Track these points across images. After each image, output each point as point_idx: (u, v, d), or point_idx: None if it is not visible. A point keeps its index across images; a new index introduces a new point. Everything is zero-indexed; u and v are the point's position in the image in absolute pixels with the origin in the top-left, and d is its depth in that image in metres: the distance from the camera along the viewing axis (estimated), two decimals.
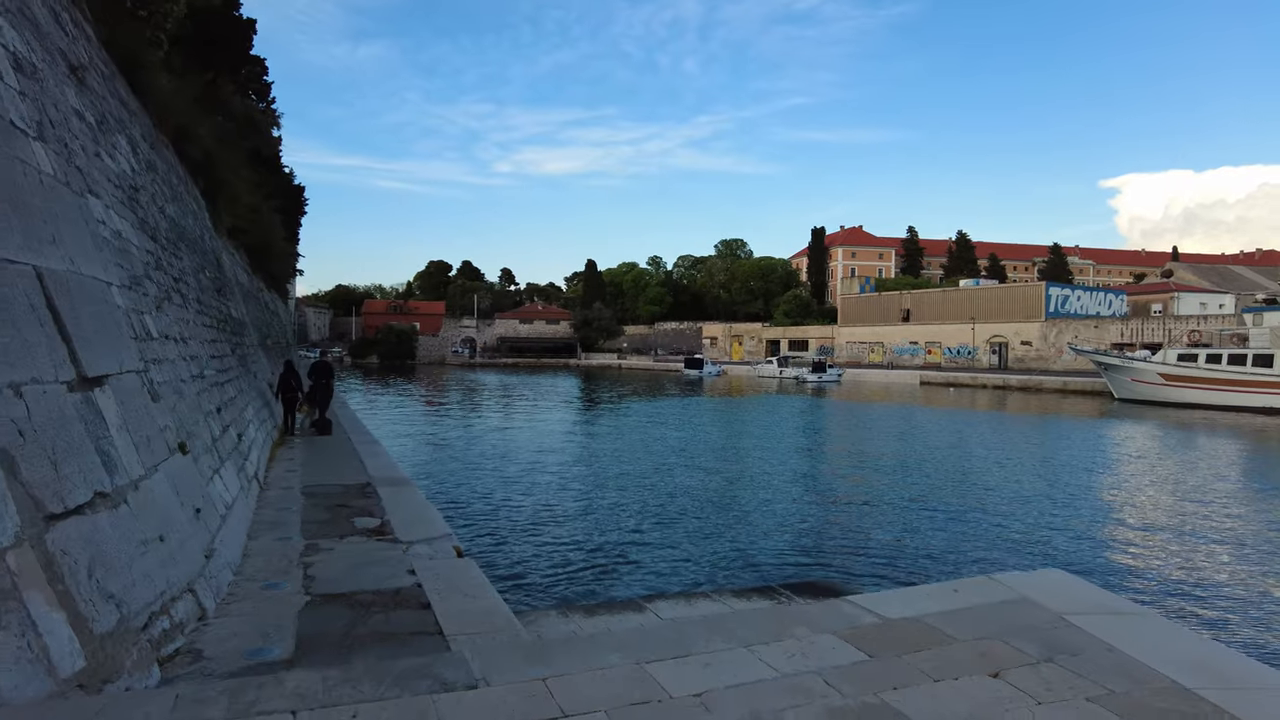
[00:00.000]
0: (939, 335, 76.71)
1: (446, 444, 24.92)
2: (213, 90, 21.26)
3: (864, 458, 21.75)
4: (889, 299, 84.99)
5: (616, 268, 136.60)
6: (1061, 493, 17.16)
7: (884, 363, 79.95)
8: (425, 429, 30.11)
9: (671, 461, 20.67)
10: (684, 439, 25.05)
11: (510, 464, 20.69)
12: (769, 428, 30.84)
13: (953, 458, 22.46)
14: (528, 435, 27.32)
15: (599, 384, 66.81)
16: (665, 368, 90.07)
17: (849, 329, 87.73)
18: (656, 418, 33.65)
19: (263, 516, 8.82)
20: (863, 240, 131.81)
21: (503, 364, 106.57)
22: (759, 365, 76.60)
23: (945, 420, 35.27)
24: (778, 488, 16.98)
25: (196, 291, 12.36)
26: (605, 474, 18.66)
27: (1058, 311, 69.25)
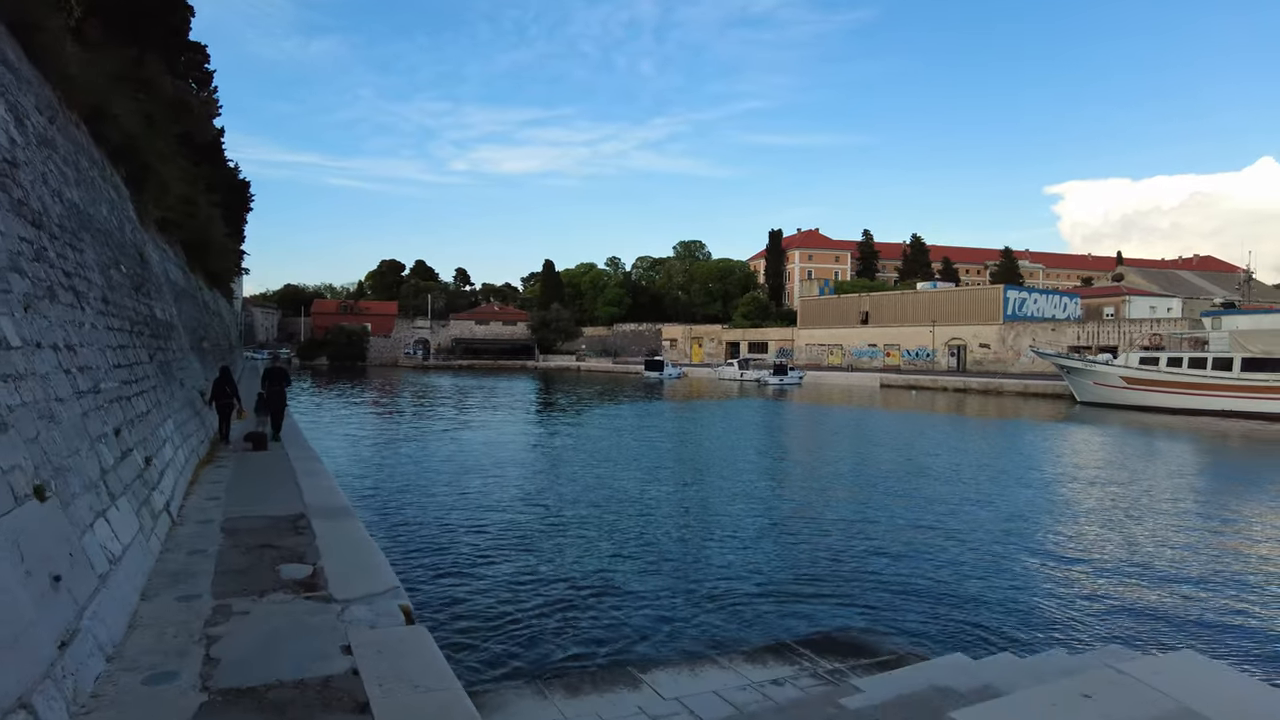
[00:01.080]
0: (898, 338, 76.82)
1: (394, 459, 23.26)
2: (138, 69, 19.23)
3: (840, 470, 20.71)
4: (848, 301, 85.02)
5: (575, 268, 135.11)
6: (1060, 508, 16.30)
7: (843, 365, 79.90)
8: (373, 439, 28.34)
9: (639, 477, 19.32)
10: (649, 450, 23.76)
11: (465, 482, 19.14)
12: (737, 436, 29.75)
13: (933, 467, 21.58)
14: (484, 448, 25.77)
15: (558, 387, 65.33)
16: (625, 369, 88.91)
17: (808, 331, 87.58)
18: (619, 426, 32.31)
19: (167, 564, 7.22)
20: (819, 243, 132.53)
21: (458, 366, 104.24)
22: (720, 368, 75.85)
23: (913, 425, 34.65)
24: (760, 508, 15.76)
25: (101, 289, 10.60)
26: (569, 493, 17.22)
27: (1015, 314, 69.85)
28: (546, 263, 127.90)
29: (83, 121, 14.86)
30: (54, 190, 9.96)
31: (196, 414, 15.62)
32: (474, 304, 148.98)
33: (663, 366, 77.44)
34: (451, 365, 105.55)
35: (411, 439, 28.38)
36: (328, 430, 30.68)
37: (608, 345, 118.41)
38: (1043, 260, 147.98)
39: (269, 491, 11.21)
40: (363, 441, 27.48)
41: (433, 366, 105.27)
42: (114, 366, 9.35)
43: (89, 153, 14.53)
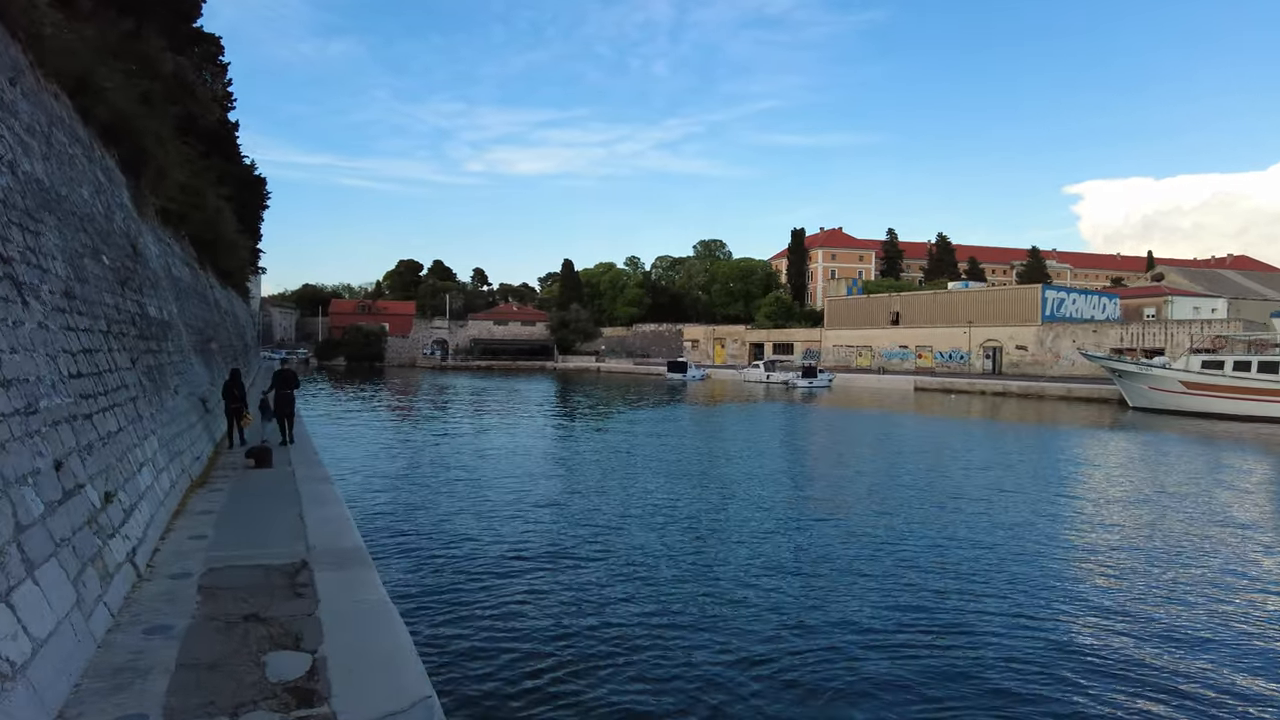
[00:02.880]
0: (930, 339, 74.56)
1: (412, 472, 21.60)
2: (133, 43, 17.45)
3: (893, 488, 18.56)
4: (877, 301, 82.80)
5: (593, 268, 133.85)
6: (1142, 549, 14.11)
7: (873, 367, 77.64)
8: (389, 448, 26.72)
9: (679, 495, 17.31)
10: (680, 467, 21.80)
11: (486, 503, 17.40)
12: (768, 445, 27.87)
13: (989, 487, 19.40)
14: (505, 459, 24.07)
15: (578, 389, 63.74)
16: (646, 371, 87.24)
17: (836, 332, 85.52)
18: (643, 434, 30.45)
19: (113, 653, 5.27)
20: (843, 242, 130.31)
21: (476, 367, 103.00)
22: (745, 370, 73.96)
23: (956, 433, 32.57)
24: (811, 536, 13.70)
25: (64, 281, 8.70)
26: (597, 521, 15.23)
27: (1053, 315, 67.25)
28: (565, 262, 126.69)
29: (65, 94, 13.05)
30: (1, 158, 8.05)
31: (193, 426, 13.76)
32: (492, 304, 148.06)
33: (686, 368, 75.72)
34: (470, 366, 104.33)
35: (429, 446, 26.79)
36: (342, 436, 29.12)
37: (627, 346, 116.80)
38: (1070, 260, 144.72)
39: (267, 525, 9.30)
40: (378, 450, 25.85)
41: (451, 367, 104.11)
42: (68, 377, 7.43)
43: (70, 129, 12.66)
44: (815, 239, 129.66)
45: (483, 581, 11.22)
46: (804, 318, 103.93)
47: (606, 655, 8.38)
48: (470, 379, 78.39)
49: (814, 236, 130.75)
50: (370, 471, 21.50)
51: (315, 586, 6.90)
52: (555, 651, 8.44)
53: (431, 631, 8.90)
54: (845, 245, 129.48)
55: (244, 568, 7.46)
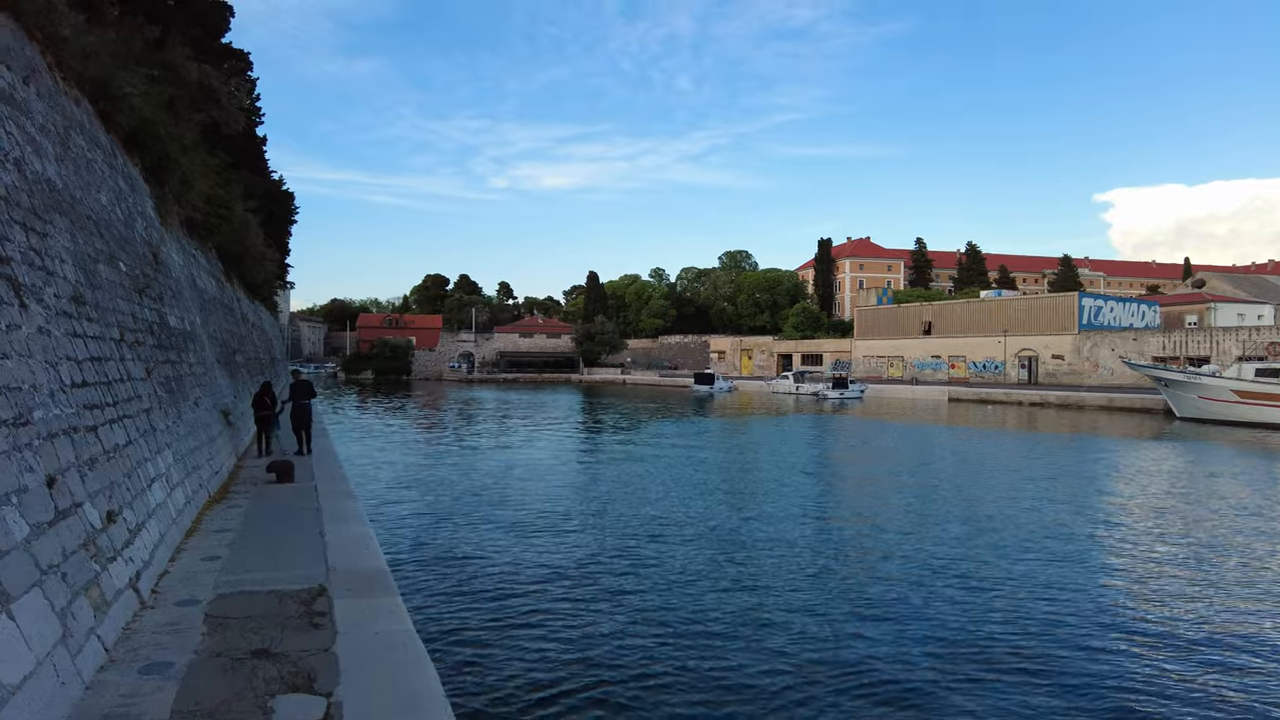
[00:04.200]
0: (963, 349, 73.14)
1: (437, 487, 21.17)
2: (158, 50, 17.20)
3: (936, 506, 17.52)
4: (909, 311, 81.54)
5: (618, 280, 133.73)
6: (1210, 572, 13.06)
7: (905, 378, 76.35)
8: (414, 461, 26.41)
9: (712, 515, 16.47)
10: (713, 479, 21.06)
11: (515, 515, 16.94)
12: (805, 461, 27.05)
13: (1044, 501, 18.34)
14: (533, 472, 23.68)
15: (603, 402, 63.19)
16: (673, 383, 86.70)
17: (866, 342, 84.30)
18: (673, 447, 29.79)
19: (99, 699, 4.63)
20: (871, 251, 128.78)
21: (502, 380, 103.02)
22: (774, 381, 73.11)
23: (996, 445, 31.47)
24: (852, 558, 12.83)
25: (73, 285, 8.20)
26: (632, 538, 14.54)
27: (1091, 324, 65.48)
28: (590, 274, 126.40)
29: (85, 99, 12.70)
30: (7, 154, 7.56)
31: (213, 439, 13.27)
32: (517, 317, 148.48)
33: (713, 380, 75.01)
34: (495, 379, 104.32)
35: (455, 459, 26.47)
36: (367, 449, 28.87)
37: (653, 358, 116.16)
38: (1103, 268, 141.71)
39: (285, 545, 8.69)
40: (404, 464, 25.52)
41: (477, 380, 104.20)
42: (71, 386, 6.88)
43: (90, 134, 12.27)
44: (843, 249, 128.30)
45: (515, 608, 10.54)
46: (832, 328, 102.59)
47: (644, 702, 7.64)
48: (496, 391, 78.34)
49: (841, 246, 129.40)
50: (395, 485, 21.06)
51: (333, 615, 6.25)
52: (594, 699, 7.70)
53: (461, 669, 8.20)
54: (873, 255, 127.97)
55: (257, 594, 6.83)
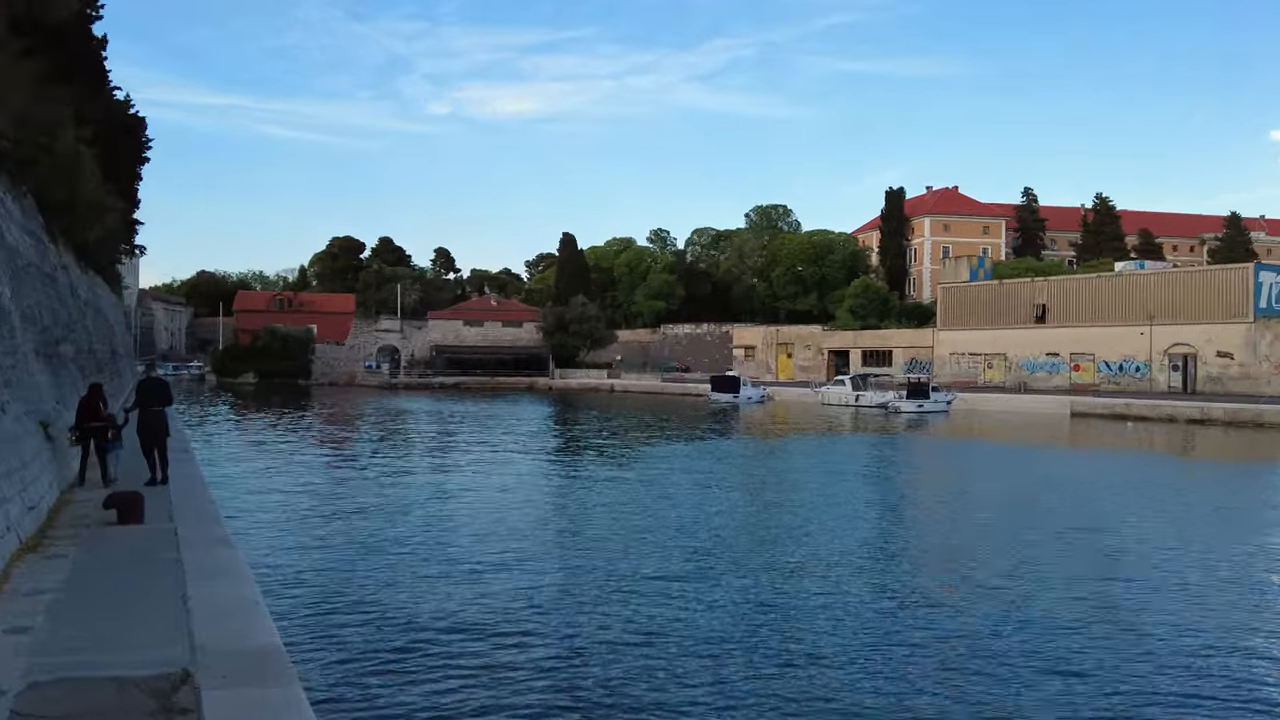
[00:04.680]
0: (1091, 343, 73.71)
1: (348, 532, 21.21)
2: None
3: (1081, 591, 16.93)
4: (1014, 291, 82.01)
5: (604, 246, 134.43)
6: None
7: (1009, 383, 76.80)
8: (316, 499, 26.21)
9: (732, 610, 15.74)
10: (732, 545, 20.29)
11: (452, 569, 17.13)
12: (872, 508, 26.88)
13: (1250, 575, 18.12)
14: (478, 517, 23.60)
15: (582, 417, 63.33)
16: (681, 391, 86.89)
17: (953, 334, 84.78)
18: (678, 485, 29.40)
19: None
20: (960, 207, 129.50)
21: (439, 386, 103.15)
22: (824, 388, 73.31)
23: (1147, 481, 31.41)
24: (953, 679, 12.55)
25: None
26: (605, 619, 14.29)
27: (1272, 308, 65.57)
28: (565, 238, 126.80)
29: None
30: None
31: (25, 463, 12.89)
32: (461, 297, 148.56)
33: (738, 386, 75.34)
34: (430, 384, 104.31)
35: (373, 497, 26.41)
36: (249, 482, 28.66)
37: (653, 355, 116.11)
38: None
39: (130, 611, 8.36)
40: (301, 502, 25.35)
41: (405, 385, 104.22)
42: None
43: None
44: (920, 203, 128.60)
45: (457, 702, 10.28)
46: (905, 314, 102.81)
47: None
48: (430, 402, 78.31)
49: (918, 200, 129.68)
50: (292, 526, 20.94)
51: (203, 715, 5.90)
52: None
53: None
54: (963, 211, 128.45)
55: (89, 682, 6.48)
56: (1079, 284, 78.47)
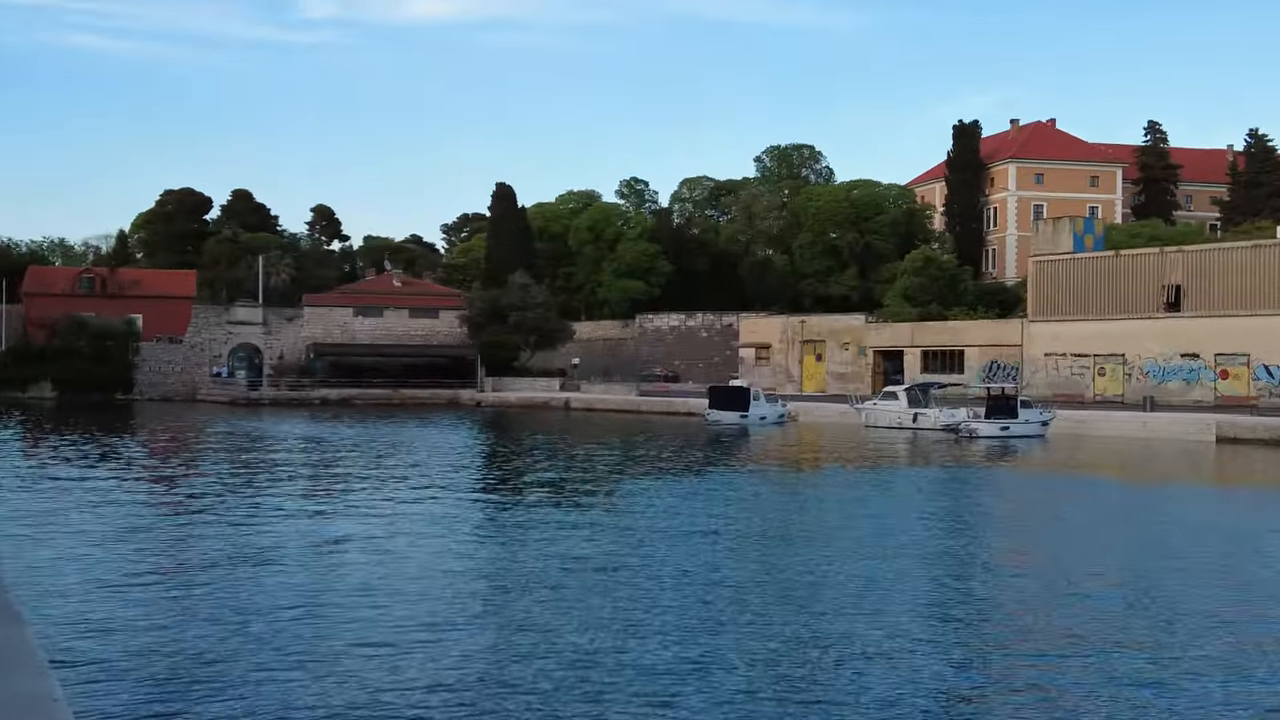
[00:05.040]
0: (1245, 340, 74.19)
1: (188, 598, 21.23)
2: None
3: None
4: (1136, 266, 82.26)
5: (555, 204, 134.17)
6: None
7: (1131, 396, 76.93)
8: (141, 560, 25.85)
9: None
10: (737, 640, 20.11)
11: (332, 658, 16.93)
12: (936, 582, 26.32)
13: None
14: (366, 584, 23.43)
15: (520, 446, 62.87)
16: (666, 408, 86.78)
17: (1050, 326, 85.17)
18: (653, 552, 28.78)
19: None
20: (1059, 149, 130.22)
21: (320, 401, 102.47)
22: (867, 405, 73.34)
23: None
24: None
25: None
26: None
27: None
28: (499, 192, 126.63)
29: None
30: None
31: None
32: (351, 276, 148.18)
33: (747, 401, 75.16)
34: (307, 399, 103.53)
35: (217, 555, 26.06)
36: (47, 540, 28.22)
37: (624, 357, 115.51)
38: None
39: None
40: (123, 553, 25.27)
41: (271, 401, 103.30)
42: None
43: None
44: (1003, 144, 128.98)
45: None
46: (981, 298, 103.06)
47: None
48: (307, 424, 77.82)
49: (1000, 139, 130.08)
50: (106, 594, 20.90)
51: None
52: None
53: None
54: (1063, 155, 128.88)
55: None
56: (1228, 257, 78.54)
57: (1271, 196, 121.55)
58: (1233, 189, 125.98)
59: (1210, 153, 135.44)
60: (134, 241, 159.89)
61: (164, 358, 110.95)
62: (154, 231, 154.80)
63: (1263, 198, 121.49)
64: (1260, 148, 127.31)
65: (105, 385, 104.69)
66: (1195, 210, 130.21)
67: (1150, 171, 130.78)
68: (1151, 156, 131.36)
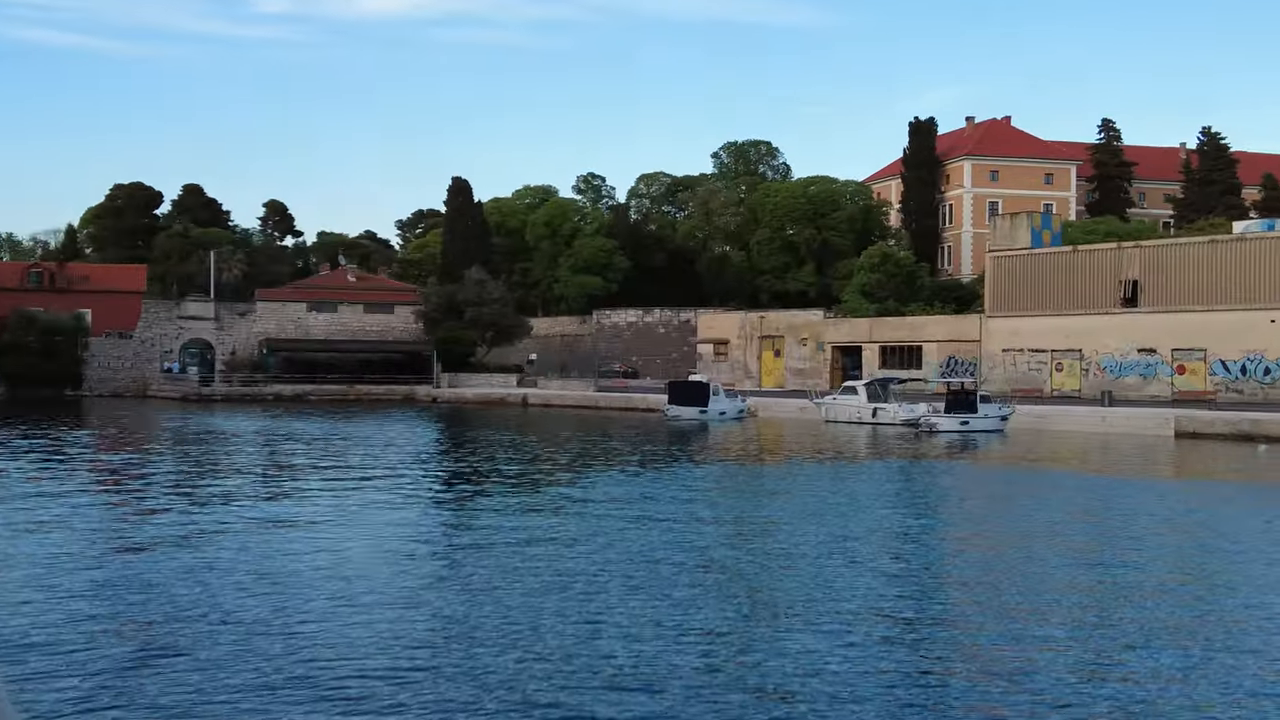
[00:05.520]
0: (1201, 334, 74.61)
1: (135, 619, 20.12)
2: None
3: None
4: (1094, 262, 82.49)
5: (511, 199, 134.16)
6: None
7: (1088, 391, 77.44)
8: (94, 567, 25.14)
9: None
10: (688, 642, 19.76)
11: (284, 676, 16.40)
12: (899, 586, 25.98)
13: None
14: (316, 586, 22.84)
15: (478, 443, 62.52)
16: (625, 404, 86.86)
17: (1009, 321, 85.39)
18: (606, 556, 28.39)
19: None
20: (1014, 146, 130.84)
21: (274, 397, 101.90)
22: (827, 400, 73.49)
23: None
24: None
25: None
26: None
27: None
28: (455, 186, 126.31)
29: None
30: None
31: None
32: (305, 271, 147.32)
33: (707, 396, 75.06)
34: (260, 395, 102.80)
35: (170, 565, 25.19)
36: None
37: (581, 352, 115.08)
38: None
39: None
40: (69, 573, 24.07)
41: (224, 397, 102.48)
42: None
43: None
44: (959, 141, 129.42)
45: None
46: (939, 294, 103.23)
47: None
48: (262, 420, 77.25)
49: (956, 136, 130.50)
50: (43, 595, 20.42)
51: None
52: None
53: None
54: (1017, 153, 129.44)
55: None
56: (1185, 252, 78.83)
57: (1225, 194, 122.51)
58: (1186, 186, 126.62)
59: (1163, 150, 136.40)
60: (83, 236, 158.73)
61: (114, 353, 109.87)
62: (103, 226, 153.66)
63: (1216, 195, 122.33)
64: (1213, 145, 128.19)
65: (54, 381, 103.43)
66: (1149, 208, 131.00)
67: (1104, 169, 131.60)
68: (1105, 154, 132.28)
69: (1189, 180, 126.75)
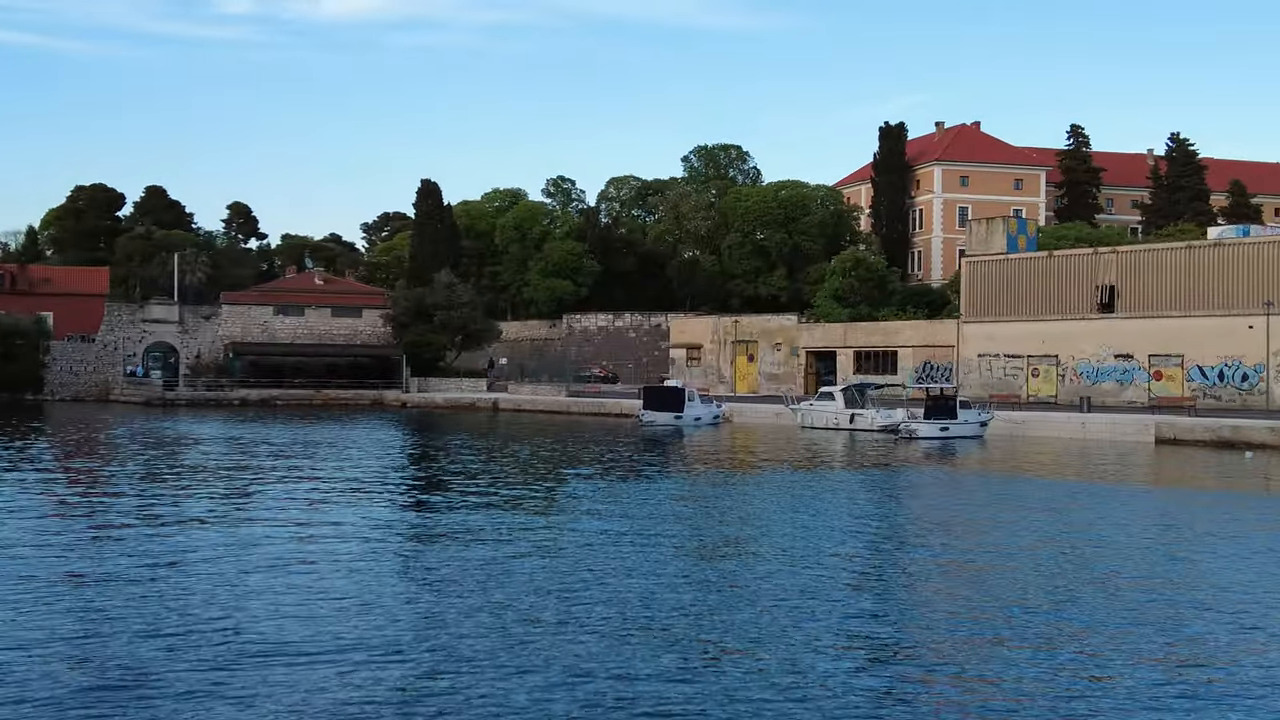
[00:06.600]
0: (1178, 339, 74.68)
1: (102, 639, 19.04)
2: None
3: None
4: (1070, 267, 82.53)
5: (480, 202, 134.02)
6: None
7: (1066, 397, 77.43)
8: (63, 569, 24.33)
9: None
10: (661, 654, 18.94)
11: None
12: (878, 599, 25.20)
13: None
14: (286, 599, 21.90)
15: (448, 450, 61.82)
16: (598, 409, 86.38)
17: (983, 327, 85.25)
18: (577, 569, 27.60)
19: None
20: (983, 151, 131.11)
21: (239, 401, 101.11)
22: (803, 403, 73.36)
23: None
24: None
25: None
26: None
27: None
28: (424, 189, 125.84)
29: None
30: None
31: None
32: (269, 274, 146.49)
33: (681, 402, 74.71)
34: (227, 400, 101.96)
35: (135, 579, 24.12)
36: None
37: (552, 357, 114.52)
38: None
39: None
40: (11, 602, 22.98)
41: (188, 401, 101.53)
42: None
43: None
44: (928, 146, 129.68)
45: None
46: (910, 299, 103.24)
47: None
48: (224, 425, 76.35)
49: (925, 141, 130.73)
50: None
51: None
52: None
53: None
54: (987, 158, 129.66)
55: None
56: (1161, 257, 78.84)
57: (1193, 200, 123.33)
58: (1154, 192, 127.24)
59: (1131, 156, 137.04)
60: (44, 238, 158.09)
61: (76, 357, 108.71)
62: (65, 228, 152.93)
63: (1184, 201, 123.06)
64: (1181, 151, 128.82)
65: (14, 385, 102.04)
66: (1117, 213, 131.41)
67: (1073, 175, 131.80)
68: (1074, 160, 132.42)
69: (1157, 186, 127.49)
